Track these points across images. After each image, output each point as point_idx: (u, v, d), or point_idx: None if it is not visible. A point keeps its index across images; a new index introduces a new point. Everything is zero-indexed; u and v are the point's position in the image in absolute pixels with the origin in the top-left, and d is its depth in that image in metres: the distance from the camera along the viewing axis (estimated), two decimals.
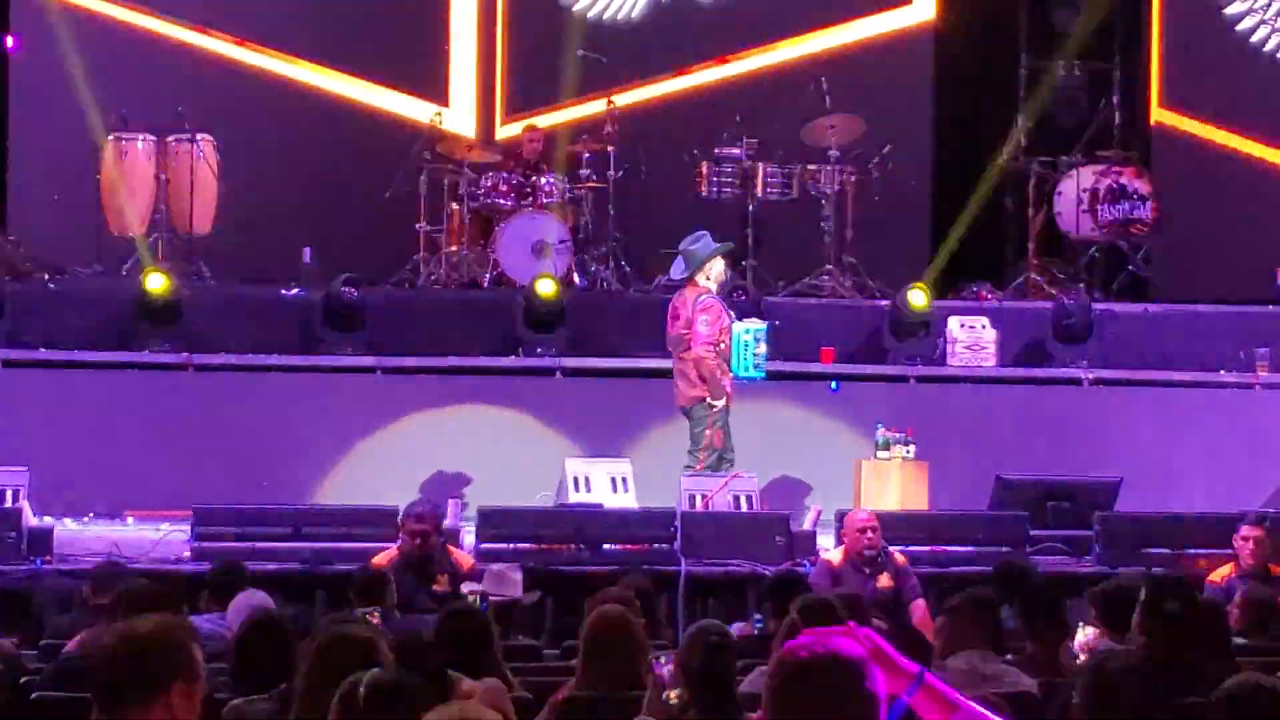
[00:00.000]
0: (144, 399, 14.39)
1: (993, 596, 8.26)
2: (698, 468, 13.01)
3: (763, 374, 13.33)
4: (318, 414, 14.35)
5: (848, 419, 14.80)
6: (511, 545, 11.86)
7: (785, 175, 16.12)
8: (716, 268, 13.16)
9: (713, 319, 12.85)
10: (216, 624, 8.61)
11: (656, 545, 11.98)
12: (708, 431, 13.00)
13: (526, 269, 15.09)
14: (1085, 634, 8.24)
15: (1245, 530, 11.21)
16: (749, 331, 13.19)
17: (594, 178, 16.00)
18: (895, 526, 11.75)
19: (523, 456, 14.11)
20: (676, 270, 13.54)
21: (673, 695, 6.20)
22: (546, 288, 14.71)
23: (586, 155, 16.03)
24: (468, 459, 14.15)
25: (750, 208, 15.97)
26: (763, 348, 13.27)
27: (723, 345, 12.99)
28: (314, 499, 13.74)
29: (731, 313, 13.32)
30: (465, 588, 10.18)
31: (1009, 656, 8.01)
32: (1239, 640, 8.94)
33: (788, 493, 13.78)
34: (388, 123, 17.19)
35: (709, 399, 12.90)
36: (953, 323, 15.16)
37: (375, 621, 8.02)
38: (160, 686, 4.24)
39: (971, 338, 15.11)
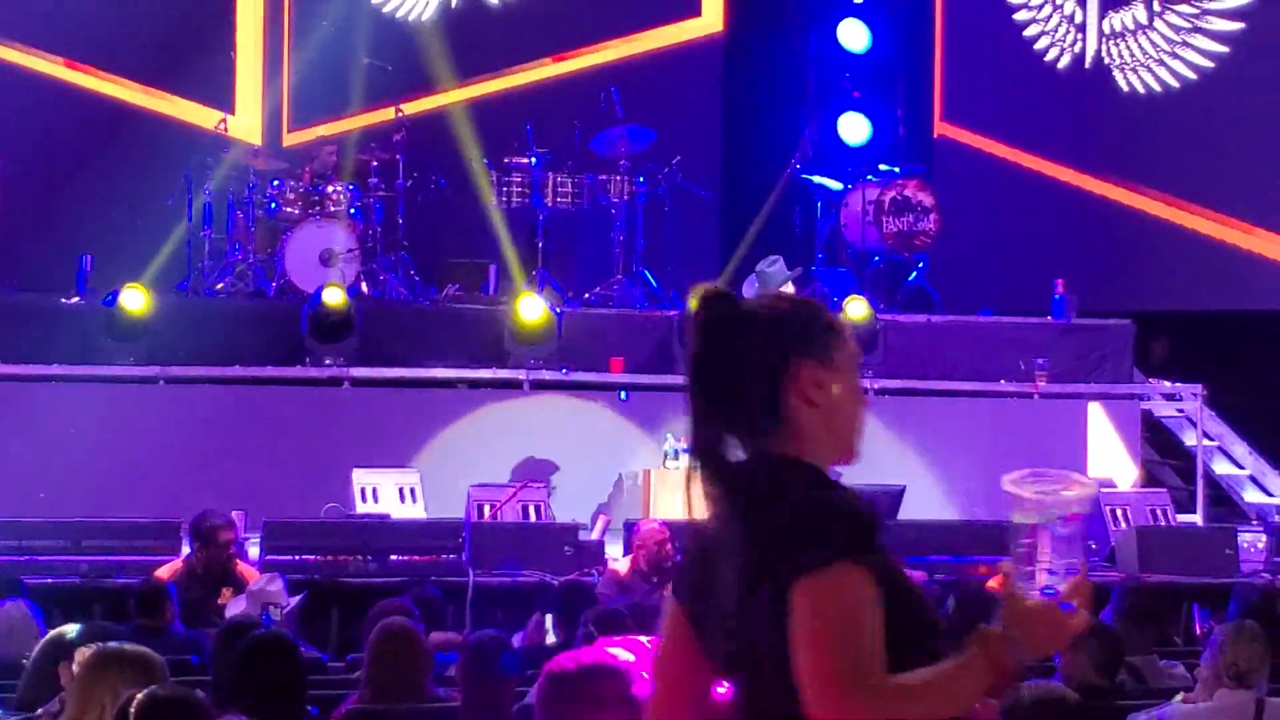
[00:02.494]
0: None
1: None
2: None
3: None
4: (99, 424, 14.09)
5: (637, 428, 14.84)
6: (297, 557, 11.74)
7: (575, 185, 16.15)
8: (791, 290, 13.75)
9: None
10: None
11: (445, 556, 11.91)
12: None
13: (314, 278, 14.95)
14: None
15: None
16: None
17: (382, 187, 15.90)
18: (683, 536, 11.76)
19: (309, 467, 13.98)
20: (750, 290, 13.79)
21: None
22: (334, 297, 14.59)
23: (375, 164, 15.93)
24: (253, 470, 13.98)
25: (540, 217, 15.98)
26: None
27: None
28: (95, 511, 13.47)
29: None
30: (230, 609, 10.07)
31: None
32: None
33: (577, 502, 13.78)
34: (172, 130, 16.95)
35: None
36: None
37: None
38: None
39: None
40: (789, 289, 13.85)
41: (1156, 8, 18.19)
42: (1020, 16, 18.58)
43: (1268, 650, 6.44)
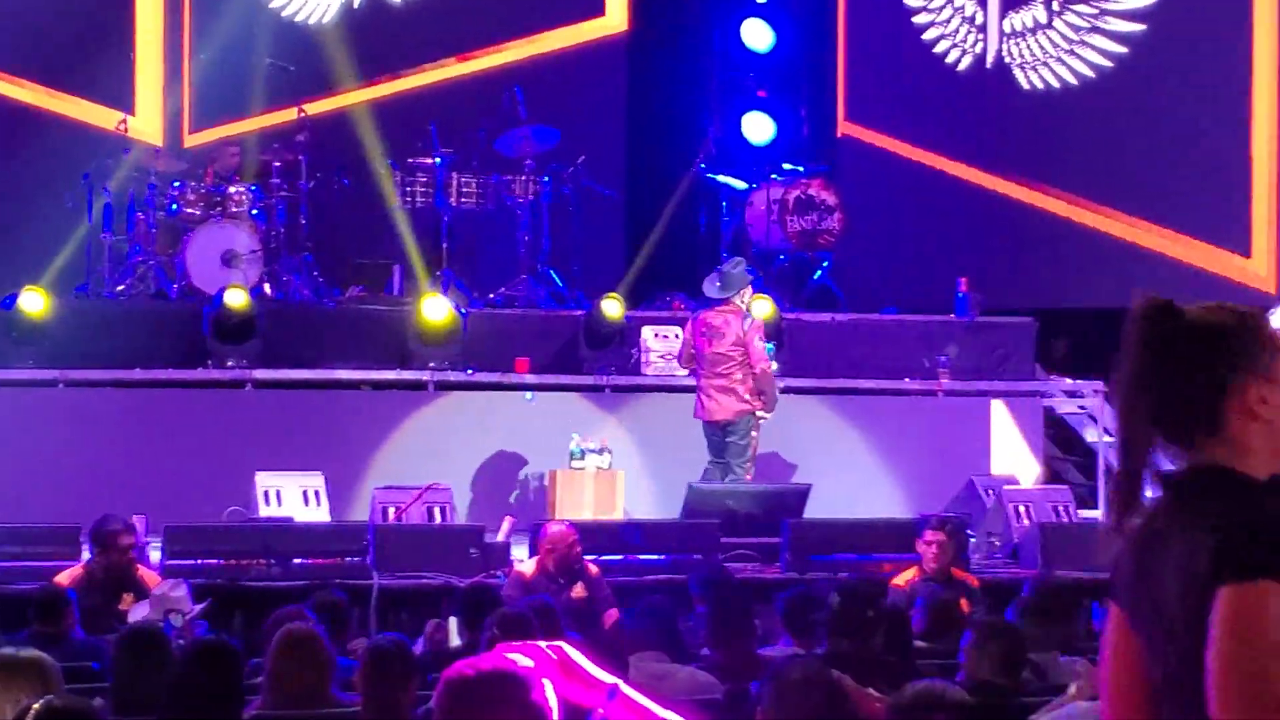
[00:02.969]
0: None
1: (668, 603, 8.36)
2: (747, 478, 13.56)
3: None
4: None
5: (542, 429, 14.82)
6: (199, 562, 11.64)
7: (480, 185, 16.12)
8: (749, 292, 13.86)
9: (763, 336, 13.70)
10: None
11: (349, 559, 11.84)
12: (752, 443, 13.65)
13: (216, 279, 14.85)
14: None
15: (929, 535, 11.44)
16: (767, 349, 14.02)
17: (285, 187, 15.81)
18: (589, 536, 11.77)
19: (211, 471, 13.88)
20: (712, 289, 13.91)
21: None
22: (236, 298, 14.49)
23: (277, 164, 15.84)
24: (154, 474, 13.86)
25: (445, 218, 15.94)
26: (775, 365, 14.19)
27: None
28: None
29: None
30: (133, 613, 9.98)
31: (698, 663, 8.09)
32: (921, 644, 9.14)
33: (483, 503, 13.75)
34: (71, 131, 16.80)
35: (760, 411, 13.55)
36: (647, 332, 15.28)
37: None
38: None
39: (665, 347, 15.24)
40: (749, 291, 13.84)
41: (1056, 7, 18.32)
42: (920, 19, 18.69)
43: None
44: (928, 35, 18.65)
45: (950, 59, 18.64)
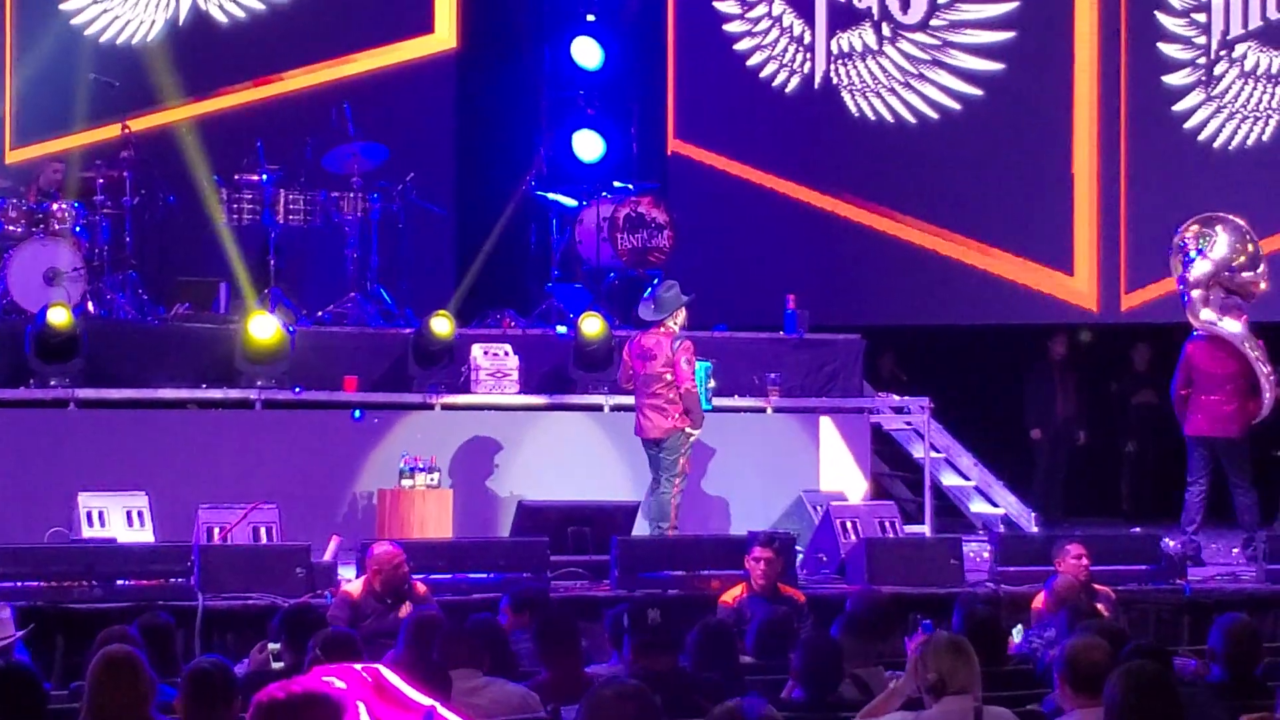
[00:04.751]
0: None
1: (492, 619, 8.34)
2: (674, 493, 13.64)
3: (711, 405, 14.32)
4: None
5: (371, 447, 14.76)
6: (20, 584, 11.44)
7: (308, 202, 16.02)
8: (682, 314, 14.02)
9: (691, 358, 13.86)
10: None
11: (173, 580, 11.70)
12: (681, 459, 13.72)
13: (38, 297, 14.62)
14: None
15: (757, 551, 11.50)
16: (702, 368, 14.17)
17: (109, 204, 15.62)
18: (417, 555, 11.72)
19: (33, 491, 13.68)
20: (646, 312, 14.05)
21: None
22: (59, 317, 14.28)
23: (101, 181, 15.65)
24: None
25: (272, 235, 15.82)
26: (712, 382, 14.36)
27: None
28: None
29: None
30: None
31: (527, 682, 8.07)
32: (749, 660, 9.19)
33: (310, 523, 13.64)
34: None
35: (688, 429, 13.72)
36: (476, 350, 15.25)
37: None
38: None
39: (495, 365, 15.22)
40: (683, 313, 13.97)
41: (887, 33, 18.53)
42: (745, 45, 18.83)
43: (966, 660, 6.57)
44: (753, 60, 18.80)
45: (778, 80, 18.79)
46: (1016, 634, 10.50)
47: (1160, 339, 18.08)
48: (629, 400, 14.63)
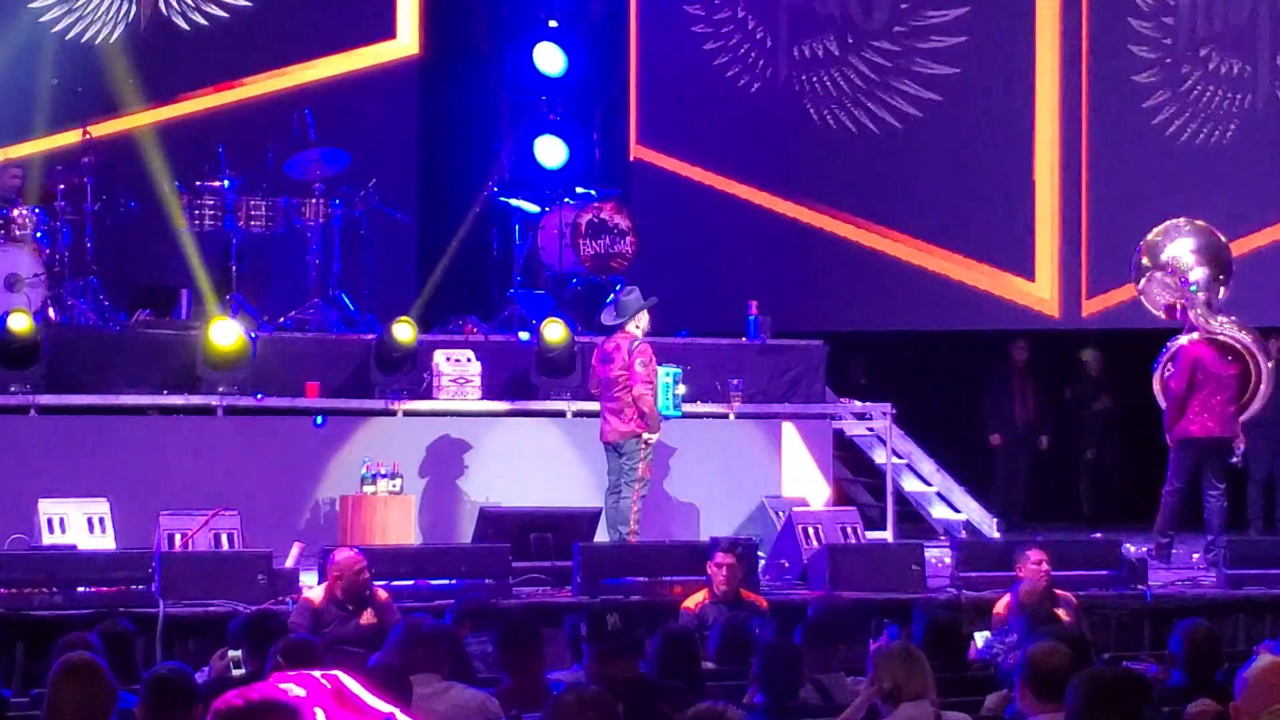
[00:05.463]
0: None
1: (450, 627, 8.34)
2: (635, 499, 13.59)
3: (680, 412, 14.26)
4: None
5: (333, 453, 14.73)
6: None
7: (269, 208, 15.99)
8: (644, 319, 13.94)
9: (648, 361, 13.77)
10: None
11: (134, 587, 11.66)
12: (640, 464, 13.72)
13: None
14: None
15: (719, 557, 11.50)
16: (669, 374, 14.10)
17: (70, 210, 15.57)
18: (379, 561, 11.71)
19: None
20: (608, 317, 14.08)
21: None
22: (20, 323, 14.24)
23: (62, 187, 15.59)
24: None
25: (234, 241, 15.79)
26: (681, 388, 14.23)
27: (652, 386, 13.90)
28: None
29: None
30: None
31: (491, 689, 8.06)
32: (711, 666, 9.20)
33: (271, 529, 13.61)
34: None
35: (646, 434, 13.70)
36: (439, 356, 15.23)
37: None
38: None
39: (457, 371, 15.21)
40: (645, 316, 13.92)
41: (850, 41, 18.57)
42: (708, 48, 18.85)
43: (918, 666, 6.60)
44: (716, 64, 18.82)
45: (741, 85, 18.81)
46: (979, 639, 10.54)
47: (1112, 344, 18.17)
48: (591, 406, 14.66)
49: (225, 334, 14.70)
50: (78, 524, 13.01)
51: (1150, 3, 17.92)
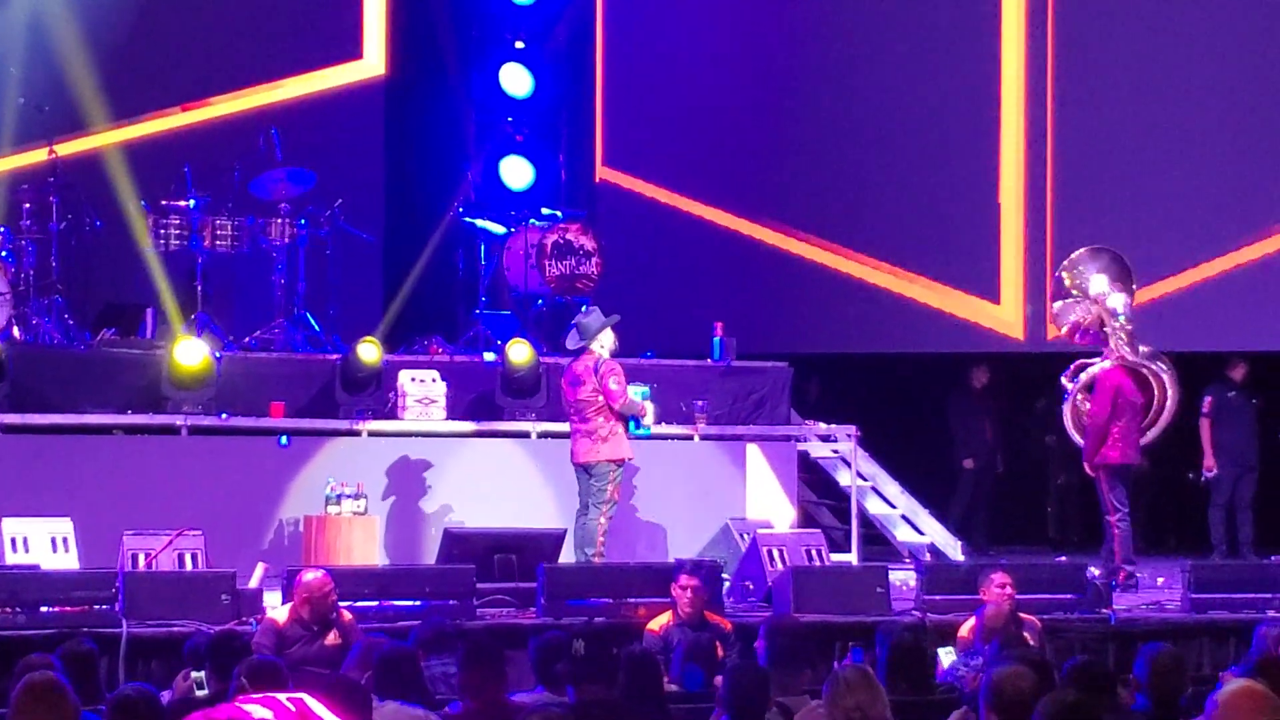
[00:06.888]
0: None
1: (411, 649, 8.33)
2: (602, 521, 13.59)
3: (649, 431, 14.35)
4: None
5: (297, 473, 14.70)
6: None
7: (235, 228, 15.97)
8: (608, 337, 13.89)
9: (620, 377, 13.80)
10: None
11: (98, 607, 11.62)
12: (610, 486, 13.70)
13: None
14: None
15: (683, 579, 11.51)
16: (638, 394, 14.21)
17: (35, 229, 15.52)
18: (344, 581, 11.68)
19: None
20: (571, 342, 14.02)
21: None
22: None
23: (27, 205, 15.55)
24: None
25: (199, 260, 15.76)
26: (651, 405, 14.37)
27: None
28: None
29: None
30: None
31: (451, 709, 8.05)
32: (674, 688, 9.20)
33: (236, 549, 13.57)
34: None
35: (616, 458, 13.74)
36: (404, 376, 15.22)
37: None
38: None
39: (422, 391, 15.20)
40: (609, 334, 13.91)
41: (813, 65, 18.62)
42: (675, 69, 18.88)
43: (878, 689, 6.62)
44: (683, 84, 18.85)
45: (705, 106, 18.83)
46: (944, 656, 10.53)
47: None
48: (557, 427, 14.66)
49: (190, 353, 14.67)
50: (41, 543, 12.95)
51: (1116, 25, 17.99)
